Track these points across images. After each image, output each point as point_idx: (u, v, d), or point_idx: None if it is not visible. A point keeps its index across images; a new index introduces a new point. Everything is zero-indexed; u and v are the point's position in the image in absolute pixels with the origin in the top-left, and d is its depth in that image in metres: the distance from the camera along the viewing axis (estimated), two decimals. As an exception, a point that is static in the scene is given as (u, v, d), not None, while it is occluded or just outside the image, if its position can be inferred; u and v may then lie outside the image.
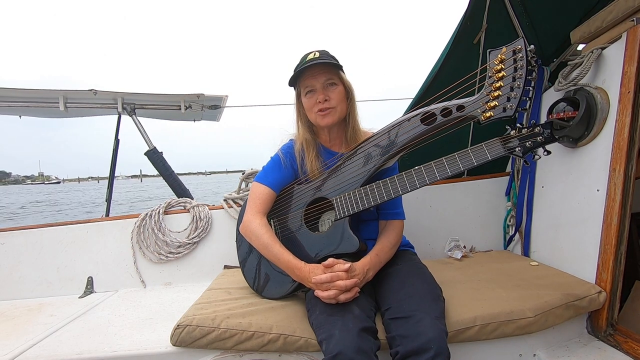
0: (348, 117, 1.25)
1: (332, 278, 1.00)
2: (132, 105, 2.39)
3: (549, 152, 0.90)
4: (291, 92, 1.29)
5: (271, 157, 1.30)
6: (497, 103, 0.94)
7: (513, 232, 1.74)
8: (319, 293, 1.01)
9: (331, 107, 1.19)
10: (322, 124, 1.22)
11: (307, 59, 1.19)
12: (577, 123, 1.28)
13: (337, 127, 1.26)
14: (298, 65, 1.21)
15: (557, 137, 0.90)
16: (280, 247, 1.14)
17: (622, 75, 1.21)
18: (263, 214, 1.22)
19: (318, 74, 1.18)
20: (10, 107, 2.31)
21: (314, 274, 1.04)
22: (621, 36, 1.24)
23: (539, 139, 0.90)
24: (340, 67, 1.20)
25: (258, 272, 1.30)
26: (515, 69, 0.92)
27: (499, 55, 0.96)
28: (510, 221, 1.78)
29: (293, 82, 1.24)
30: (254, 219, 1.20)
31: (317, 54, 1.20)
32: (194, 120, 2.93)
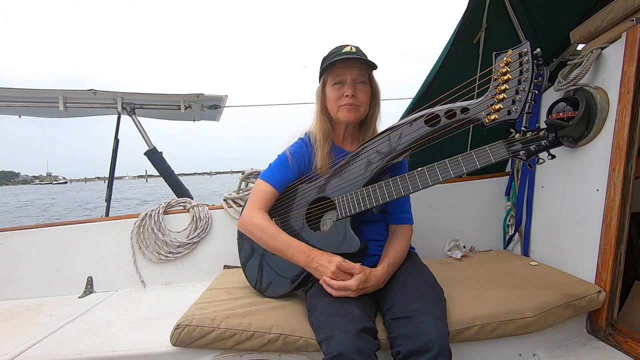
0: (369, 119, 1.25)
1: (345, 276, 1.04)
2: (132, 105, 2.39)
3: (553, 156, 0.91)
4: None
5: (278, 155, 1.29)
6: (502, 106, 0.93)
7: (513, 232, 1.74)
8: (326, 280, 1.03)
9: (357, 104, 1.18)
10: (343, 119, 1.20)
11: (344, 50, 1.18)
12: (576, 123, 1.28)
13: (353, 125, 1.26)
14: (331, 54, 1.20)
15: (560, 139, 0.90)
16: (287, 235, 1.14)
17: (622, 75, 1.21)
18: (265, 211, 1.22)
19: (352, 67, 1.17)
20: (10, 107, 2.31)
21: (327, 259, 1.06)
22: (621, 36, 1.24)
23: (543, 142, 0.90)
24: (374, 67, 1.19)
25: (260, 272, 1.29)
26: (521, 72, 0.92)
27: (505, 58, 0.96)
28: (510, 221, 1.78)
29: (323, 72, 1.22)
30: (256, 213, 1.19)
31: (354, 49, 1.19)
32: (194, 120, 2.94)
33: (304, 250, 1.10)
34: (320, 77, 1.25)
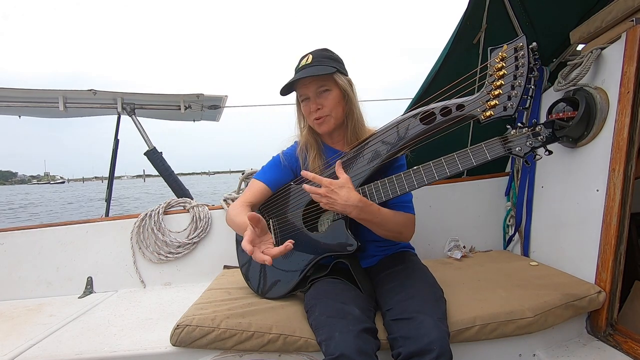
0: (347, 116, 1.23)
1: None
2: (132, 105, 2.39)
3: (550, 152, 0.89)
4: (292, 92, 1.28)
5: (272, 157, 1.32)
6: (497, 102, 0.92)
7: (513, 232, 1.74)
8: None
9: (325, 115, 1.18)
10: (320, 132, 1.23)
11: (300, 65, 1.17)
12: (576, 123, 1.28)
13: (337, 130, 1.25)
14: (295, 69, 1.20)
15: (558, 136, 0.90)
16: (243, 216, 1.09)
17: (622, 76, 1.21)
18: (249, 203, 1.22)
19: (309, 83, 1.16)
20: (10, 107, 2.31)
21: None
22: (620, 36, 1.24)
23: (539, 138, 0.89)
24: (332, 72, 1.14)
25: (263, 275, 1.29)
26: (517, 67, 0.91)
27: (500, 53, 0.94)
28: (509, 221, 1.78)
29: (285, 93, 1.20)
30: (235, 205, 1.21)
31: (310, 59, 1.16)
32: (194, 120, 2.93)
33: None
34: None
